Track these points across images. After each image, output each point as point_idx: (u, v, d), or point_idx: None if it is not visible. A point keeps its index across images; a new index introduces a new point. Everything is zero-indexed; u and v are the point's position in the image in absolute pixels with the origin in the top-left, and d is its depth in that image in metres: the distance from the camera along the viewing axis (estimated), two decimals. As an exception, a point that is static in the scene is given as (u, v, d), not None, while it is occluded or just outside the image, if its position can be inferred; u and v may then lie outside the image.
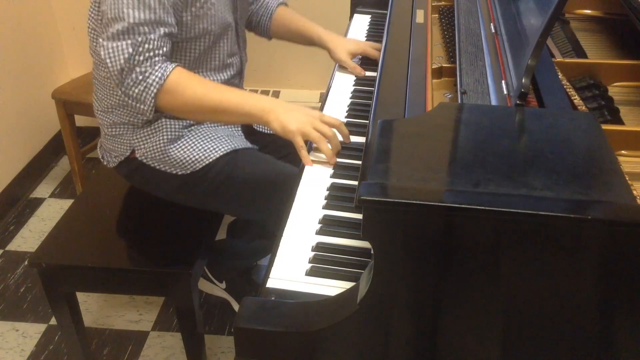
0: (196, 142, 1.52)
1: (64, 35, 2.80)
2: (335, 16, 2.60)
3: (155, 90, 1.32)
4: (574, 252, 0.78)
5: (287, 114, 1.32)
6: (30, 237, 2.36)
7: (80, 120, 2.54)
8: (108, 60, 1.32)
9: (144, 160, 1.53)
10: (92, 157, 2.72)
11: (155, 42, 1.32)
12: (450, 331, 0.87)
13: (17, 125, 2.54)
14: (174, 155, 1.50)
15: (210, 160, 1.50)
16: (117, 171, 1.61)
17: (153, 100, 1.33)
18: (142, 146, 1.52)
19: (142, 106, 1.34)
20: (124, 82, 1.32)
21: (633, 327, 0.82)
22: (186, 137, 1.52)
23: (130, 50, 1.30)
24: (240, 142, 1.58)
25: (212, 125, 1.59)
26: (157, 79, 1.32)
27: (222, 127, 1.61)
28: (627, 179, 0.83)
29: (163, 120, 1.50)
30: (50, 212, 2.50)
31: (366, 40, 1.85)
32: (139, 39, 1.30)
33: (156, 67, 1.32)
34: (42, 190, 2.63)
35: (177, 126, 1.51)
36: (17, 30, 2.51)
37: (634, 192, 0.86)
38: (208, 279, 1.95)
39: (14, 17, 2.48)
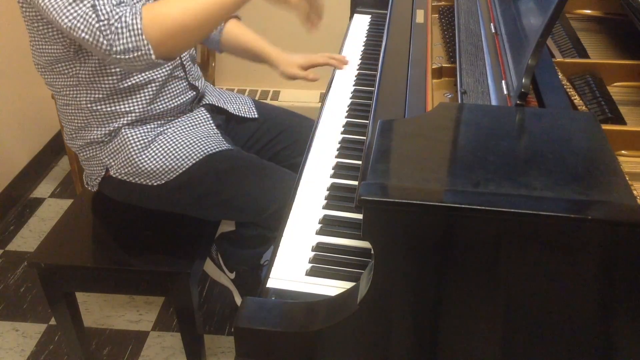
0: (167, 150, 1.49)
1: (64, 35, 2.80)
2: (335, 16, 2.59)
3: (138, 26, 1.19)
4: (574, 252, 0.78)
5: None
6: (30, 237, 2.36)
7: (80, 120, 2.53)
8: (84, 34, 1.20)
9: (119, 177, 1.51)
10: (92, 157, 2.72)
11: None
12: (451, 331, 0.87)
13: (17, 125, 2.54)
14: (146, 166, 1.47)
15: (184, 168, 1.48)
16: (102, 192, 1.61)
17: (144, 38, 1.19)
18: (114, 163, 1.50)
19: (139, 52, 1.20)
20: (111, 42, 1.19)
21: (633, 327, 0.82)
22: (155, 144, 1.49)
23: (92, 9, 1.19)
24: (216, 143, 1.54)
25: (185, 126, 1.54)
26: (132, 16, 1.19)
27: (196, 128, 1.56)
28: (627, 179, 0.83)
29: (124, 130, 1.47)
30: (50, 212, 2.49)
31: (366, 40, 1.85)
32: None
33: (127, 10, 1.20)
34: (42, 190, 2.63)
35: (142, 132, 1.48)
36: (17, 30, 2.51)
37: (634, 192, 0.86)
38: (218, 265, 1.94)
39: (13, 17, 2.48)
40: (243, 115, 1.71)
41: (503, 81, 1.11)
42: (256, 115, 1.73)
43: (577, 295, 0.81)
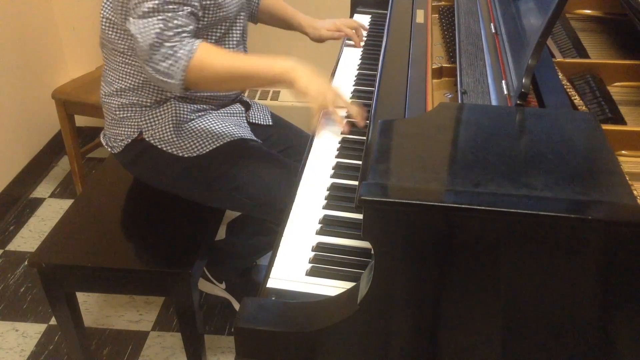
0: (204, 126, 1.56)
1: (64, 35, 2.80)
2: (335, 16, 2.59)
3: (184, 64, 1.34)
4: (574, 252, 0.78)
5: (310, 79, 1.37)
6: (30, 237, 2.36)
7: (80, 120, 2.54)
8: (139, 36, 1.34)
9: (152, 141, 1.55)
10: (92, 157, 2.72)
11: (183, 19, 1.36)
12: (451, 331, 0.87)
13: (17, 125, 2.54)
14: (182, 138, 1.54)
15: (217, 145, 1.54)
16: (121, 158, 1.63)
17: (183, 74, 1.35)
18: (150, 127, 1.55)
19: (171, 80, 1.36)
20: (153, 58, 1.34)
21: (633, 327, 0.82)
22: (195, 122, 1.56)
23: (161, 25, 1.33)
24: (247, 132, 1.63)
25: (221, 113, 1.63)
26: (186, 53, 1.34)
27: (231, 117, 1.64)
28: (627, 179, 0.83)
29: (173, 102, 1.54)
30: (50, 212, 2.49)
31: (366, 40, 1.86)
32: (169, 15, 1.34)
33: (184, 42, 1.35)
34: (42, 190, 2.63)
35: (186, 109, 1.55)
36: (17, 30, 2.51)
37: (634, 192, 0.86)
38: (208, 279, 1.95)
39: (14, 17, 2.48)
40: (258, 122, 1.76)
41: (503, 81, 1.11)
42: (270, 122, 1.78)
43: (577, 295, 0.81)
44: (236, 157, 1.56)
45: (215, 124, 1.58)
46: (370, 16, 2.01)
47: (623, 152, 1.10)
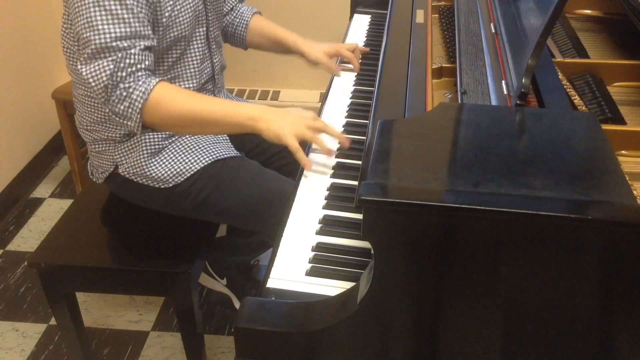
0: (177, 155, 1.49)
1: (64, 35, 2.80)
2: (335, 16, 2.60)
3: (140, 106, 1.28)
4: (574, 252, 0.78)
5: (278, 119, 1.28)
6: (30, 237, 2.36)
7: (80, 120, 2.54)
8: (91, 80, 1.28)
9: (127, 176, 1.50)
10: (92, 157, 2.72)
11: (136, 57, 1.27)
12: (451, 331, 0.87)
13: (17, 125, 2.54)
14: (155, 170, 1.47)
15: (191, 172, 1.47)
16: (107, 186, 1.60)
17: (139, 116, 1.29)
18: (124, 161, 1.49)
19: (129, 122, 1.30)
20: (110, 100, 1.28)
21: (633, 327, 0.82)
22: (167, 150, 1.49)
23: (112, 66, 1.26)
24: (224, 149, 1.54)
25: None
26: (141, 94, 1.27)
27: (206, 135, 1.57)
28: (627, 179, 0.83)
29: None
30: (50, 212, 2.49)
31: (366, 40, 1.85)
32: (119, 55, 1.26)
33: (140, 82, 1.28)
34: (42, 190, 2.63)
35: (157, 138, 1.48)
36: (17, 30, 2.51)
37: (634, 192, 0.86)
38: (209, 274, 1.95)
39: (14, 17, 2.48)
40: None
41: (503, 81, 1.11)
42: None
43: (577, 295, 0.81)
44: (217, 180, 1.48)
45: (188, 151, 1.50)
46: (370, 16, 2.01)
47: (623, 152, 1.10)
